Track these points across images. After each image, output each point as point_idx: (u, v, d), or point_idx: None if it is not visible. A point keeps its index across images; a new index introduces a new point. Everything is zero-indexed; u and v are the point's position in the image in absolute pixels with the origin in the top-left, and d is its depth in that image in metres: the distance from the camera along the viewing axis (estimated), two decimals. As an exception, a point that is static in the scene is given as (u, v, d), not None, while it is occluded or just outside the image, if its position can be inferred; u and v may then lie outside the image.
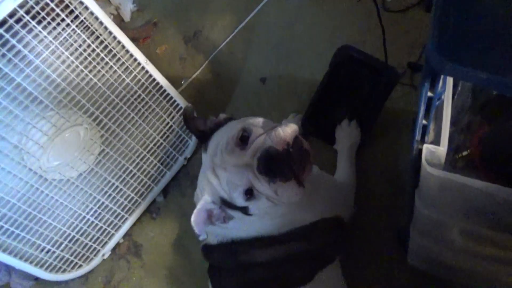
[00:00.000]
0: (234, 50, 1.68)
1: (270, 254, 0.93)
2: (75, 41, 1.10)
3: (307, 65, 1.53)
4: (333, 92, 1.30)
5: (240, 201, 0.82)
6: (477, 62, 0.36)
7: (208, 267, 1.05)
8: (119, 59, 1.19)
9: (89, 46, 1.13)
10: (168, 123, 1.36)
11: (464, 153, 0.67)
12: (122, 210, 1.34)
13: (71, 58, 1.09)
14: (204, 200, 0.86)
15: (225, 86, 1.60)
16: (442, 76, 0.46)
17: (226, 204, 0.85)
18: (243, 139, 0.81)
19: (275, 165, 0.76)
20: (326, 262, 0.98)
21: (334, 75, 1.29)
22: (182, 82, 1.65)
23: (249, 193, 0.80)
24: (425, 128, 0.55)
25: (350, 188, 1.15)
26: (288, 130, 0.81)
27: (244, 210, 0.85)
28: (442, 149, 0.56)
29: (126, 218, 1.37)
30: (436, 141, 0.61)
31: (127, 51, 1.21)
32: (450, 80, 0.57)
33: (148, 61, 1.23)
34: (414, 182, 0.68)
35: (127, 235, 1.40)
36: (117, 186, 1.29)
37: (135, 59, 1.22)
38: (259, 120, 0.89)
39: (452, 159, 0.67)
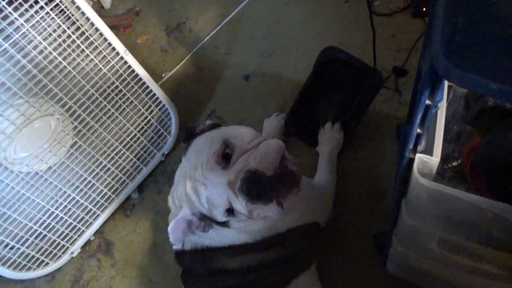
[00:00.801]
0: (218, 44, 1.64)
1: (243, 262, 0.89)
2: (49, 26, 1.03)
3: (292, 63, 1.50)
4: (317, 92, 1.28)
5: (220, 217, 0.79)
6: (488, 70, 0.33)
7: (182, 272, 1.01)
8: (96, 47, 1.13)
9: (64, 31, 1.06)
10: (147, 117, 1.30)
11: (454, 163, 0.65)
12: (94, 206, 1.28)
13: (44, 43, 1.02)
14: (183, 211, 0.81)
15: (207, 81, 1.55)
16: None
17: (205, 217, 0.82)
18: (226, 157, 0.77)
19: (260, 188, 0.72)
20: (301, 268, 0.96)
21: (319, 75, 1.26)
22: (163, 75, 1.59)
23: (230, 211, 0.77)
24: (418, 137, 0.53)
25: (330, 193, 1.13)
26: (274, 149, 0.76)
27: (224, 224, 0.82)
28: (435, 160, 0.54)
29: (98, 215, 1.31)
30: (427, 151, 0.59)
31: (105, 40, 1.14)
32: (445, 88, 0.55)
33: (127, 51, 1.17)
34: (401, 191, 0.66)
35: (98, 232, 1.34)
36: (90, 181, 1.23)
37: (114, 48, 1.16)
38: (242, 132, 0.84)
39: (441, 169, 0.66)
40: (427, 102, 0.46)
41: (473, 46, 0.35)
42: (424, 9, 1.47)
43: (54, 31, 1.04)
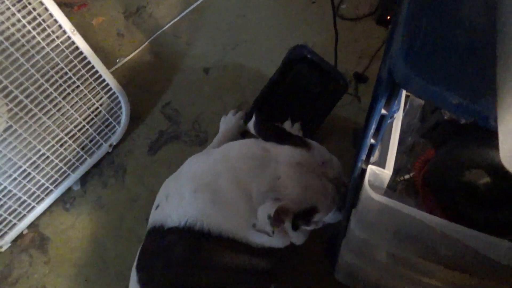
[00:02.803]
0: (179, 33, 1.56)
1: (233, 260, 0.84)
2: (-16, -6, 0.91)
3: (254, 59, 1.46)
4: (281, 90, 1.24)
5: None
6: (449, 81, 0.30)
7: (140, 260, 0.89)
8: (40, 23, 1.02)
9: (2, 2, 0.95)
10: (94, 104, 1.20)
11: (406, 176, 0.64)
12: (29, 197, 1.17)
13: (-24, 13, 0.91)
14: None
15: (165, 70, 1.47)
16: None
17: None
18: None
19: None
20: (273, 281, 0.95)
21: (285, 73, 1.23)
22: (117, 61, 1.50)
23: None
24: (371, 148, 0.50)
25: None
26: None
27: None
28: (387, 172, 0.51)
29: (33, 207, 1.20)
30: (380, 161, 0.57)
31: (51, 15, 1.04)
32: (402, 98, 0.52)
33: (75, 31, 1.07)
34: (352, 201, 0.63)
35: (32, 225, 1.23)
36: (25, 170, 1.12)
37: (60, 26, 1.06)
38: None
39: (392, 181, 0.64)
40: (383, 111, 0.43)
41: (435, 53, 0.32)
42: (388, 17, 1.47)
43: (-10, 1, 0.93)
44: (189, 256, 0.82)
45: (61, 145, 1.18)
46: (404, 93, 0.56)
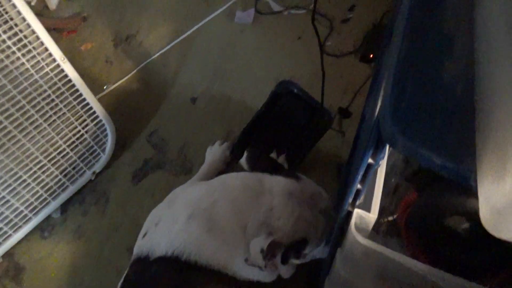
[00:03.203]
0: (168, 61, 1.58)
1: None
2: (-25, 21, 0.92)
3: (241, 90, 1.48)
4: (267, 122, 1.26)
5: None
6: (433, 142, 0.32)
7: None
8: (30, 50, 1.03)
9: (-7, 29, 0.95)
10: (80, 131, 1.20)
11: (390, 218, 0.65)
12: (6, 225, 1.14)
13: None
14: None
15: (152, 99, 1.48)
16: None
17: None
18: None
19: None
20: None
21: (272, 105, 1.26)
22: (104, 87, 1.50)
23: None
24: (358, 192, 0.52)
25: None
26: None
27: None
28: (372, 216, 0.53)
29: (9, 235, 1.16)
30: (365, 204, 0.58)
31: (42, 43, 1.05)
32: (387, 146, 0.54)
33: (65, 59, 1.08)
34: (338, 241, 0.64)
35: (7, 254, 1.19)
36: (3, 196, 1.09)
37: (50, 54, 1.06)
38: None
39: (376, 222, 0.65)
40: (370, 161, 0.45)
41: (420, 115, 0.34)
42: (371, 55, 1.54)
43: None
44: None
45: (42, 171, 1.16)
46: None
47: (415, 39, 0.38)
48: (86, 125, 1.21)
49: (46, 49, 1.06)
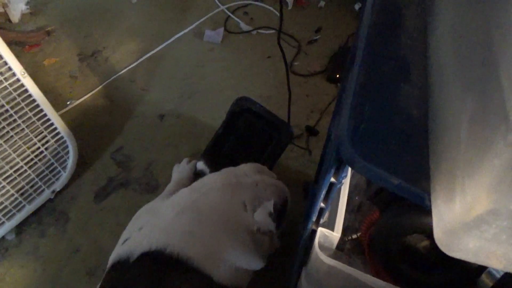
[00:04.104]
0: (135, 78, 1.56)
1: None
2: None
3: (209, 108, 1.48)
4: (229, 140, 1.26)
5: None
6: (390, 163, 0.33)
7: None
8: (-14, 64, 0.99)
9: None
10: (39, 148, 1.15)
11: (354, 236, 0.66)
12: (-46, 248, 1.06)
13: None
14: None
15: (118, 115, 1.45)
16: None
17: None
18: None
19: None
20: None
21: (231, 124, 1.26)
22: (68, 103, 1.46)
23: None
24: (321, 211, 0.53)
25: None
26: None
27: None
28: (336, 235, 0.53)
29: (-43, 259, 1.08)
30: (329, 223, 0.59)
31: (1, 57, 1.01)
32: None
33: (26, 73, 1.04)
34: (302, 259, 0.64)
35: (-46, 279, 1.11)
36: (-48, 218, 1.02)
37: (10, 68, 1.02)
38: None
39: (340, 240, 0.66)
40: (332, 179, 0.45)
41: (377, 137, 0.35)
42: (337, 75, 1.58)
43: None
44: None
45: (-3, 191, 1.10)
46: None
47: (372, 64, 0.40)
48: (46, 142, 1.16)
49: (5, 63, 1.01)
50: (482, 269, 0.58)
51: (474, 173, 0.24)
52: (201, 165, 1.08)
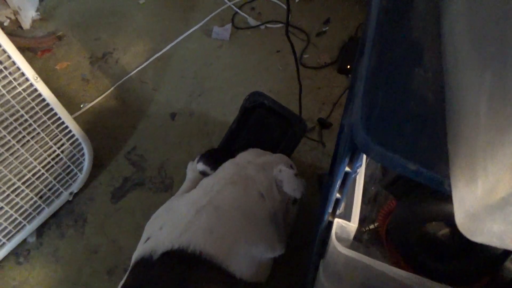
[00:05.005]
0: (145, 79, 1.57)
1: None
2: None
3: (220, 106, 1.48)
4: (242, 136, 1.26)
5: None
6: (406, 149, 0.32)
7: None
8: (1, 70, 1.00)
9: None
10: (55, 151, 1.17)
11: (371, 226, 0.65)
12: (-23, 251, 1.09)
13: None
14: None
15: (130, 116, 1.47)
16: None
17: None
18: None
19: None
20: None
21: (244, 119, 1.26)
22: (81, 106, 1.47)
23: None
24: (337, 201, 0.52)
25: None
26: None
27: None
28: (353, 225, 0.52)
29: (-18, 262, 1.11)
30: (345, 214, 0.58)
31: (14, 63, 1.02)
32: (364, 155, 0.55)
33: (39, 78, 1.06)
34: (320, 252, 0.64)
35: (-21, 282, 1.14)
36: (-26, 222, 1.05)
37: (23, 74, 1.04)
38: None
39: (358, 231, 0.65)
40: (347, 169, 0.45)
41: (391, 123, 0.34)
42: (348, 66, 1.56)
43: None
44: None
45: (16, 194, 1.12)
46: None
47: (384, 48, 0.39)
48: (62, 145, 1.18)
49: (18, 69, 1.03)
50: (505, 255, 0.57)
51: (496, 153, 0.23)
52: (200, 166, 1.07)
